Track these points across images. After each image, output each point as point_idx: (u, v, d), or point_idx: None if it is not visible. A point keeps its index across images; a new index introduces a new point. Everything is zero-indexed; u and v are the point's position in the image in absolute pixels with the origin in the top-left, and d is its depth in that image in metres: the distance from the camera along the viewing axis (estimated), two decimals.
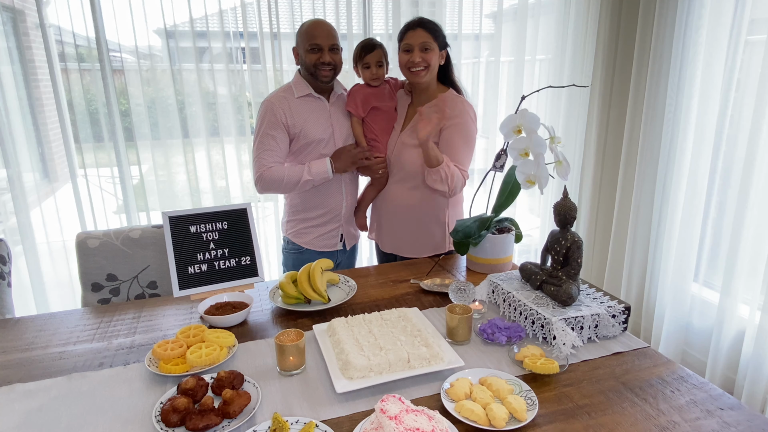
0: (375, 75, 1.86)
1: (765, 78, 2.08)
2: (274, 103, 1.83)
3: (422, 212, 1.93)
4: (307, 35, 1.79)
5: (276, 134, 1.83)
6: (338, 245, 2.05)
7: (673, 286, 2.60)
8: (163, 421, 0.98)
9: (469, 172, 1.91)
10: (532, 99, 2.52)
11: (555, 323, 1.23)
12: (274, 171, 1.83)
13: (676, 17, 2.44)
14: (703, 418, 1.01)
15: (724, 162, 2.41)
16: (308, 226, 1.99)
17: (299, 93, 1.87)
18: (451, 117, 1.78)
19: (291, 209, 2.01)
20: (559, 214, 1.36)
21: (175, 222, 1.49)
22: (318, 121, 1.88)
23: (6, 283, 1.68)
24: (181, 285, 1.47)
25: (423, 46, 1.74)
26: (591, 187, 3.12)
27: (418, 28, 1.76)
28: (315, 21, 1.82)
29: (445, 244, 1.97)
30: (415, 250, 1.98)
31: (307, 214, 1.98)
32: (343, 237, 2.05)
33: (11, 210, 2.43)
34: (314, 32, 1.78)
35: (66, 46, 2.36)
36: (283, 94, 1.86)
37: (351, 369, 1.11)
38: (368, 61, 1.85)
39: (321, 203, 1.95)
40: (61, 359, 1.25)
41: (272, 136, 1.83)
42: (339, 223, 2.01)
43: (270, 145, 1.83)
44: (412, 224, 1.95)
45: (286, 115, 1.83)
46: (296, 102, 1.86)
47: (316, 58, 1.79)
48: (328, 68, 1.81)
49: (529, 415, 1.00)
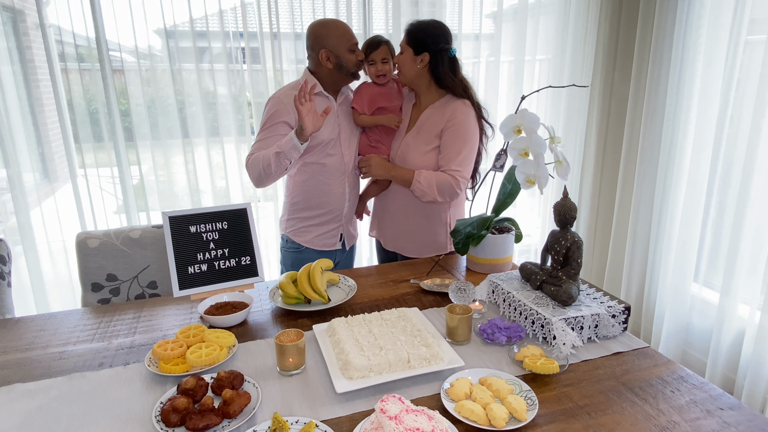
0: (380, 71, 1.88)
1: (765, 78, 2.09)
2: (282, 101, 1.81)
3: (424, 212, 1.94)
4: (346, 36, 1.80)
5: (277, 132, 1.81)
6: (338, 245, 2.04)
7: (673, 286, 2.60)
8: (163, 421, 0.98)
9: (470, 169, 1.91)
10: (532, 99, 2.52)
11: (555, 323, 1.23)
12: (255, 155, 1.80)
13: (676, 17, 2.44)
14: (703, 418, 1.01)
15: (724, 162, 2.41)
16: (308, 225, 1.98)
17: None
18: (448, 120, 1.81)
19: (291, 207, 1.99)
20: (559, 214, 1.36)
21: (175, 222, 1.49)
22: (326, 121, 1.85)
23: (6, 283, 1.68)
24: (181, 285, 1.47)
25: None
26: (591, 187, 3.12)
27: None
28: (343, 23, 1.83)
29: (446, 245, 1.97)
30: (417, 249, 1.99)
31: (307, 212, 1.96)
32: (342, 237, 2.05)
33: (11, 210, 2.43)
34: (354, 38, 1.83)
35: (66, 46, 2.36)
36: (292, 92, 1.82)
37: (351, 369, 1.11)
38: (373, 58, 1.87)
39: (323, 203, 1.94)
40: (61, 359, 1.25)
41: (271, 131, 1.81)
42: (339, 223, 2.01)
43: (268, 142, 1.80)
44: (415, 224, 1.96)
45: (292, 112, 1.80)
46: None
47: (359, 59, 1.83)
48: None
49: (529, 415, 1.00)
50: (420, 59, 1.80)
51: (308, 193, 1.93)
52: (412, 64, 1.82)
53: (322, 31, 1.81)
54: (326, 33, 1.81)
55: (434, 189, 1.78)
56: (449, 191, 1.80)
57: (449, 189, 1.80)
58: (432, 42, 1.80)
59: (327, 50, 1.81)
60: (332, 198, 1.95)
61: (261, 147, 1.81)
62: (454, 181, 1.78)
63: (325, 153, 1.88)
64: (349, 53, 1.82)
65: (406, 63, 1.83)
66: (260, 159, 1.78)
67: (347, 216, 2.02)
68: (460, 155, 1.80)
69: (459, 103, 1.83)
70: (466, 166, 1.83)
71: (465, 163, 1.82)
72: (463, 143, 1.81)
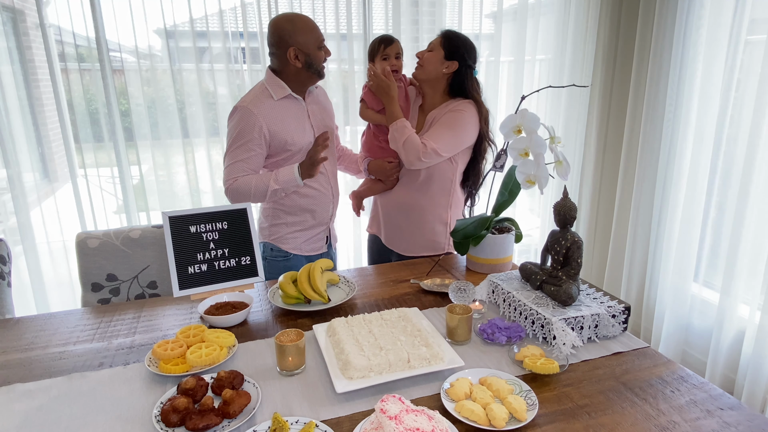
0: (395, 66, 1.90)
1: (765, 78, 2.08)
2: (251, 111, 1.69)
3: (424, 211, 1.94)
4: (315, 32, 1.72)
5: (251, 145, 1.71)
6: (324, 247, 1.99)
7: (673, 286, 2.60)
8: (163, 421, 0.98)
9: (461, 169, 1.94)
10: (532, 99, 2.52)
11: (555, 323, 1.23)
12: (241, 182, 1.72)
13: (676, 17, 2.44)
14: (703, 418, 1.01)
15: (724, 162, 2.41)
16: (295, 231, 1.89)
17: (278, 95, 1.74)
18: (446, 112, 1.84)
19: (273, 213, 1.88)
20: (559, 214, 1.36)
21: (175, 222, 1.49)
22: (301, 126, 1.79)
23: (6, 283, 1.68)
24: (181, 285, 1.47)
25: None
26: (591, 187, 3.12)
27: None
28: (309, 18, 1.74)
29: (445, 244, 1.98)
30: (416, 248, 1.99)
31: (294, 217, 1.87)
32: (329, 238, 2.02)
33: (11, 210, 2.43)
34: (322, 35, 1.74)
35: (66, 46, 2.36)
36: (259, 98, 1.71)
37: (351, 369, 1.11)
38: (388, 53, 1.89)
39: (309, 209, 1.88)
40: (61, 359, 1.25)
41: (247, 147, 1.71)
42: (326, 225, 1.97)
43: (242, 156, 1.71)
44: (414, 222, 1.96)
45: (265, 123, 1.70)
46: (276, 106, 1.73)
47: (325, 57, 1.76)
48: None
49: (529, 415, 1.00)
50: (448, 64, 1.82)
51: (294, 198, 1.84)
52: (438, 65, 1.83)
53: (289, 27, 1.68)
54: (294, 29, 1.68)
55: (403, 139, 1.78)
56: (413, 152, 1.77)
57: (413, 150, 1.77)
58: (465, 55, 1.83)
59: (296, 48, 1.69)
60: (321, 204, 1.89)
61: (241, 168, 1.73)
62: (422, 148, 1.77)
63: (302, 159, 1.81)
64: (318, 51, 1.73)
65: (433, 61, 1.83)
66: (250, 188, 1.71)
67: (332, 216, 1.99)
68: (441, 136, 1.80)
69: (462, 100, 1.85)
70: (441, 144, 1.80)
71: (442, 141, 1.80)
72: (447, 128, 1.82)
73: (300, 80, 1.77)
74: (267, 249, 1.92)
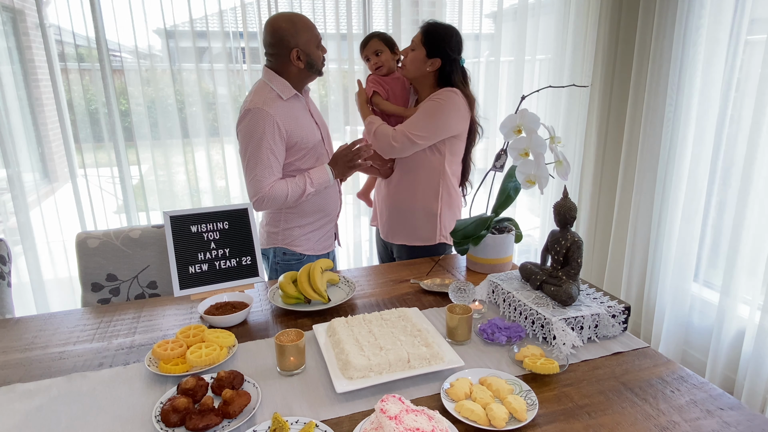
0: (376, 63, 1.96)
1: (765, 78, 2.08)
2: (268, 112, 1.65)
3: (412, 202, 1.98)
4: (314, 31, 1.71)
5: (276, 148, 1.69)
6: (334, 245, 2.03)
7: (673, 286, 2.60)
8: (163, 421, 0.98)
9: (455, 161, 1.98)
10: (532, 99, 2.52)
11: (555, 323, 1.23)
12: (276, 190, 1.70)
13: (676, 17, 2.44)
14: (703, 418, 1.01)
15: (724, 162, 2.41)
16: (308, 232, 1.89)
17: (286, 95, 1.72)
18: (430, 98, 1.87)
19: (285, 218, 1.86)
20: (559, 214, 1.36)
21: (176, 221, 1.49)
22: (309, 124, 1.79)
23: (6, 283, 1.68)
24: (181, 285, 1.47)
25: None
26: (591, 187, 3.12)
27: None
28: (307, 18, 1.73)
29: (435, 237, 1.99)
30: (407, 239, 2.02)
31: (307, 219, 1.87)
32: (336, 235, 2.04)
33: (11, 210, 2.43)
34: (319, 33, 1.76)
35: (66, 46, 2.36)
36: (271, 99, 1.69)
37: (351, 369, 1.11)
38: (366, 54, 1.98)
39: (321, 208, 1.89)
40: (61, 359, 1.25)
41: (272, 151, 1.68)
42: (334, 221, 2.00)
43: (270, 161, 1.68)
44: (403, 214, 2.00)
45: (282, 123, 1.69)
46: (286, 106, 1.72)
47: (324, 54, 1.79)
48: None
49: (529, 415, 1.00)
50: (431, 62, 1.82)
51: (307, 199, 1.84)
52: (421, 64, 1.84)
53: (290, 28, 1.67)
54: (295, 30, 1.67)
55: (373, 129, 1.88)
56: (383, 139, 1.86)
57: (384, 137, 1.85)
58: (447, 49, 1.83)
59: (299, 49, 1.68)
60: (330, 201, 1.91)
61: (272, 173, 1.70)
62: (392, 133, 1.82)
63: (315, 156, 1.83)
64: (318, 50, 1.74)
65: (415, 61, 1.85)
66: (287, 193, 1.71)
67: (339, 212, 2.02)
68: (415, 122, 1.84)
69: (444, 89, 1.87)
70: (414, 130, 1.83)
71: (415, 127, 1.83)
72: (424, 115, 1.84)
73: (300, 79, 1.78)
74: (279, 254, 1.89)
